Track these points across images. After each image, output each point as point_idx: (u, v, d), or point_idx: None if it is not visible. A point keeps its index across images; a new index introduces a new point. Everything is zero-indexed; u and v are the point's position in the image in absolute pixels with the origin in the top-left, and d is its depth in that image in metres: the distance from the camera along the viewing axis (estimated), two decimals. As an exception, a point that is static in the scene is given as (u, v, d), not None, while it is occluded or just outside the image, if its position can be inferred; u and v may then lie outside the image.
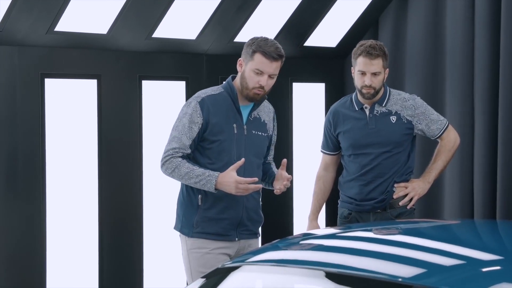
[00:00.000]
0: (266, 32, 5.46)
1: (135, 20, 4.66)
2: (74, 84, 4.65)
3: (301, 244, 2.67)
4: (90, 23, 4.54)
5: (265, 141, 3.65)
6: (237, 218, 3.57)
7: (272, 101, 5.68)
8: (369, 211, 4.09)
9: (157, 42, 4.91)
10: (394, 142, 4.07)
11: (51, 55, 4.49)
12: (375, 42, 4.11)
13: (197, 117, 3.48)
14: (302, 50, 5.84)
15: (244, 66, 3.52)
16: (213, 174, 3.43)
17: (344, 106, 4.18)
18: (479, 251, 2.48)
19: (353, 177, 4.11)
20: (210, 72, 5.22)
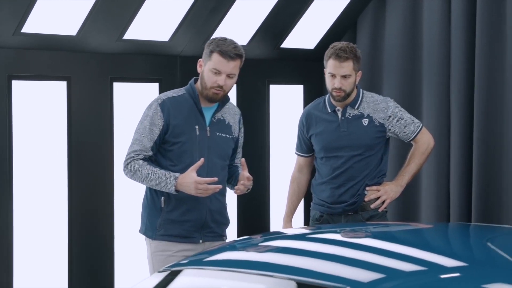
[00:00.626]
0: (241, 33, 5.44)
1: (105, 21, 4.61)
2: (43, 86, 4.60)
3: (251, 246, 2.62)
4: (58, 24, 4.47)
5: (229, 143, 3.63)
6: (200, 220, 3.54)
7: (249, 102, 5.73)
8: (340, 214, 4.06)
9: (129, 44, 4.86)
10: (366, 145, 4.04)
11: (18, 56, 4.44)
12: (347, 44, 4.07)
13: (157, 119, 3.47)
14: (279, 52, 5.80)
15: (203, 66, 3.52)
16: (173, 176, 3.42)
17: (317, 108, 4.15)
18: (434, 256, 2.41)
19: (324, 180, 4.09)
20: (184, 74, 5.17)
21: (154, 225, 3.55)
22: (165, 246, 3.54)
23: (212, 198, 3.53)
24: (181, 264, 2.39)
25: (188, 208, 3.52)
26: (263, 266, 2.27)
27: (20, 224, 4.50)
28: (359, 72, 4.08)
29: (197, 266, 2.33)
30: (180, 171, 3.45)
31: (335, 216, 4.07)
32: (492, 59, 5.05)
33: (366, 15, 5.89)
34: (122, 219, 4.87)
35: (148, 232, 3.58)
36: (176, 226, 3.52)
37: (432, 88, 5.40)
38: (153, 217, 3.55)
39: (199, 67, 3.53)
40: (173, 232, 3.53)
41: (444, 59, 5.33)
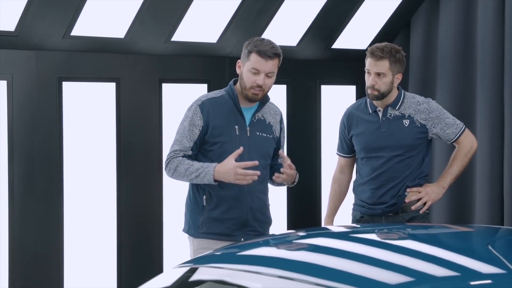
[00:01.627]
0: (290, 34, 5.44)
1: (153, 23, 4.68)
2: (92, 87, 4.71)
3: (274, 245, 2.60)
4: (107, 27, 4.57)
5: (270, 142, 3.64)
6: (241, 219, 3.57)
7: (300, 103, 5.73)
8: (380, 215, 4.03)
9: (177, 45, 4.92)
10: (406, 146, 4.00)
11: (68, 59, 4.55)
12: (386, 44, 4.04)
13: (197, 119, 3.53)
14: (330, 53, 5.78)
15: (242, 67, 3.56)
16: (211, 165, 3.46)
17: (359, 109, 4.13)
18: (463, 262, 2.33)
19: (365, 181, 4.06)
20: (233, 75, 5.19)
21: (196, 223, 3.60)
22: (207, 244, 3.57)
23: (254, 197, 3.56)
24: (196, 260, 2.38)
25: (230, 206, 3.55)
26: (277, 265, 2.25)
27: (70, 224, 4.60)
28: (398, 74, 4.02)
29: (211, 263, 2.32)
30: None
31: (375, 217, 4.03)
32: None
33: (419, 14, 5.82)
34: (170, 219, 4.93)
35: (191, 231, 3.63)
36: (217, 224, 3.56)
37: (486, 90, 5.31)
38: (195, 215, 3.60)
39: (238, 68, 3.58)
40: (215, 230, 3.57)
41: (498, 60, 5.24)
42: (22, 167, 4.46)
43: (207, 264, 2.34)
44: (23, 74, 4.41)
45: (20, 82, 4.41)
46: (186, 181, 3.55)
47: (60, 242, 4.56)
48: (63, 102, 4.55)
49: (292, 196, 5.64)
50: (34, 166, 4.49)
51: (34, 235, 4.50)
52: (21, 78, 4.41)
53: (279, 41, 5.38)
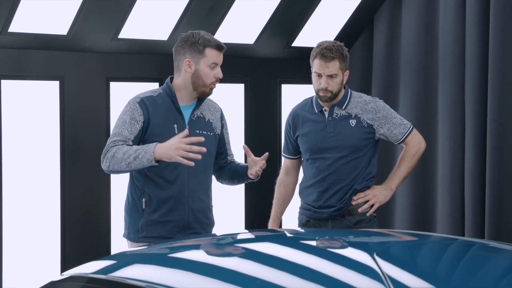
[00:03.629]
0: (247, 31, 5.31)
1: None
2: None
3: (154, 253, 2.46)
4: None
5: (211, 140, 3.51)
6: (182, 221, 3.44)
7: (259, 103, 5.61)
8: (327, 219, 3.90)
9: (125, 43, 4.82)
10: (353, 147, 3.86)
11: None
12: (333, 43, 3.91)
13: (138, 115, 3.39)
14: (290, 51, 5.65)
15: (195, 65, 3.41)
16: (152, 143, 3.28)
17: (304, 108, 3.99)
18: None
19: (311, 183, 3.93)
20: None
21: (136, 227, 3.45)
22: None
23: (195, 198, 3.44)
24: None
25: (170, 208, 3.42)
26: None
27: (10, 226, 4.49)
28: (346, 72, 3.89)
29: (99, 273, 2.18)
30: (161, 171, 3.37)
31: (321, 221, 3.91)
32: (507, 58, 4.83)
33: (383, 12, 5.70)
34: (118, 221, 4.79)
35: (131, 235, 3.49)
36: (158, 227, 3.43)
37: (447, 88, 5.21)
38: (135, 219, 3.46)
39: (188, 67, 3.40)
40: (155, 233, 3.44)
41: (460, 59, 5.14)
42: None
43: (97, 273, 2.19)
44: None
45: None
46: (124, 167, 3.27)
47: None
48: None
49: (250, 196, 5.51)
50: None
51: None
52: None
53: (235, 39, 5.37)
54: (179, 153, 3.21)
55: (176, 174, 3.41)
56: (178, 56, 3.44)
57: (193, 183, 3.39)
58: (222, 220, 5.32)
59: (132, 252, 2.52)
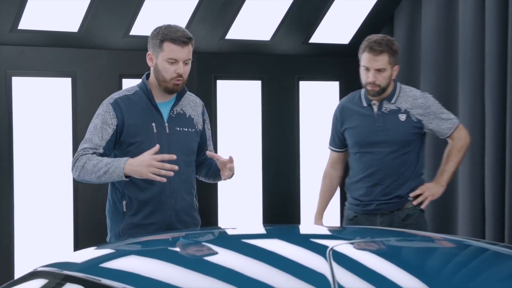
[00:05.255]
0: (262, 28, 5.25)
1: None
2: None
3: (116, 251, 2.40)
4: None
5: (193, 136, 3.38)
6: (165, 222, 3.30)
7: (277, 100, 5.54)
8: (375, 214, 3.82)
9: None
10: (402, 141, 3.79)
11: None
12: (382, 37, 3.82)
13: (110, 118, 3.25)
14: (309, 47, 5.57)
15: (155, 59, 3.28)
16: (123, 158, 3.16)
17: (352, 102, 3.91)
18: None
19: (359, 178, 3.86)
20: (198, 69, 5.09)
21: (117, 231, 3.32)
22: None
23: (177, 197, 3.29)
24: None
25: (152, 210, 3.28)
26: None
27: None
28: (396, 66, 3.81)
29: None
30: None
31: (370, 215, 3.83)
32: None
33: (403, 7, 5.61)
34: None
35: (112, 239, 3.36)
36: (140, 230, 3.27)
37: (467, 84, 5.12)
38: (116, 223, 3.32)
39: (150, 61, 3.29)
40: (137, 237, 3.23)
41: (479, 55, 5.04)
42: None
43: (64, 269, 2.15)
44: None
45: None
46: (94, 180, 3.20)
47: (10, 236, 4.41)
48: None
49: (269, 195, 5.45)
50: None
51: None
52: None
53: (251, 35, 5.33)
54: (150, 170, 3.08)
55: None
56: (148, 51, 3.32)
57: (174, 182, 3.25)
58: (239, 217, 5.32)
59: (102, 247, 2.46)
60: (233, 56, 5.24)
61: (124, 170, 3.12)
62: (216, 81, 5.22)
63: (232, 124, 5.31)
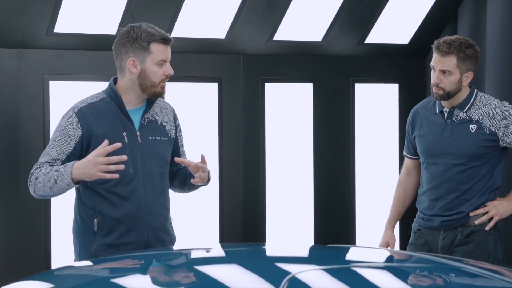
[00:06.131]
0: (312, 28, 5.05)
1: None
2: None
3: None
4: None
5: (166, 145, 3.09)
6: (142, 241, 3.01)
7: (330, 103, 5.32)
8: (438, 229, 3.58)
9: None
10: (470, 154, 3.51)
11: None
12: (456, 38, 3.54)
13: (72, 129, 2.97)
14: (364, 48, 5.32)
15: (141, 64, 2.99)
16: (70, 163, 2.88)
17: (426, 107, 3.67)
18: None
19: (424, 190, 3.64)
20: (248, 72, 4.98)
21: (89, 252, 3.01)
22: None
23: (154, 213, 3.02)
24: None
25: (127, 229, 2.99)
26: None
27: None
28: (468, 73, 3.52)
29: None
30: (114, 187, 2.96)
31: (433, 230, 3.59)
32: None
33: (466, 5, 5.30)
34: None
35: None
36: (114, 251, 2.97)
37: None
38: (86, 243, 3.02)
39: (133, 67, 2.98)
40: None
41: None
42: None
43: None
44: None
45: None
46: (48, 193, 2.92)
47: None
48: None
49: (321, 205, 5.23)
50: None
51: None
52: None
53: (299, 36, 5.12)
54: (98, 168, 2.81)
55: (131, 189, 2.99)
56: (120, 55, 3.00)
57: (150, 197, 2.99)
58: (288, 229, 5.14)
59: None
60: (282, 58, 5.06)
61: (72, 175, 2.85)
62: (264, 84, 5.05)
63: (281, 129, 5.13)
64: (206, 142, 4.86)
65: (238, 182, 4.96)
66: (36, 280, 2.32)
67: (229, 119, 4.89)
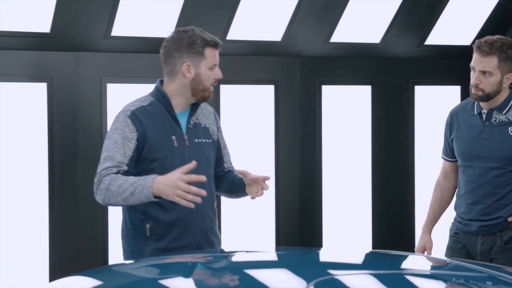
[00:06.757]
0: (370, 30, 4.98)
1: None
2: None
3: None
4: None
5: (211, 148, 3.09)
6: (194, 245, 2.99)
7: (389, 106, 5.25)
8: (476, 234, 3.51)
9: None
10: (508, 158, 3.42)
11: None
12: (498, 38, 3.44)
13: (129, 132, 2.95)
14: (425, 50, 5.23)
15: (195, 69, 2.99)
16: (150, 176, 2.86)
17: (464, 109, 3.57)
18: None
19: (461, 193, 3.56)
20: (308, 74, 5.02)
21: (140, 257, 2.98)
22: None
23: (204, 216, 3.02)
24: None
25: (180, 233, 2.98)
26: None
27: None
28: (509, 74, 3.40)
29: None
30: None
31: (471, 235, 3.51)
32: None
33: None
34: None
35: None
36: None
37: None
38: (138, 248, 3.01)
39: (187, 72, 2.98)
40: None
41: None
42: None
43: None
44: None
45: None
46: (120, 203, 2.90)
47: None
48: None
49: (379, 209, 5.16)
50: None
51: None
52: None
53: (357, 38, 5.07)
54: (176, 193, 2.79)
55: None
56: (172, 59, 2.99)
57: (200, 200, 2.90)
58: (346, 235, 5.08)
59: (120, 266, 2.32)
60: (339, 60, 5.02)
61: (152, 190, 2.84)
62: (321, 86, 5.01)
63: (338, 132, 5.09)
64: (262, 144, 4.85)
65: (295, 185, 4.93)
66: (86, 276, 2.34)
67: (286, 122, 4.87)
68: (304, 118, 4.94)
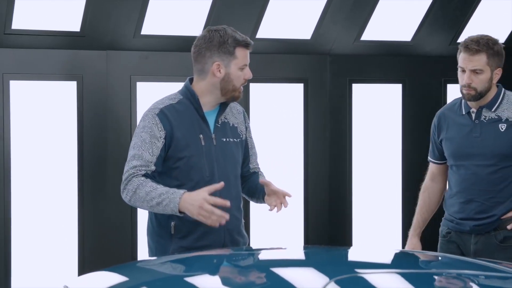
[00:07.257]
0: (401, 28, 4.95)
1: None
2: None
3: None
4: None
5: (238, 147, 3.07)
6: (219, 244, 2.99)
7: (420, 105, 5.21)
8: (470, 233, 3.48)
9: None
10: (501, 155, 3.41)
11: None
12: (482, 36, 3.47)
13: (158, 131, 2.95)
14: (457, 48, 5.17)
15: (226, 68, 2.98)
16: (179, 191, 2.88)
17: (452, 110, 3.57)
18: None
19: (453, 192, 3.54)
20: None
21: (166, 254, 2.99)
22: None
23: (230, 216, 2.95)
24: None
25: (205, 232, 2.97)
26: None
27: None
28: (498, 69, 3.43)
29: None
30: (189, 190, 2.91)
31: (464, 234, 3.48)
32: None
33: None
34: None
35: None
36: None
37: None
38: (162, 245, 3.02)
39: (218, 71, 2.97)
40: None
41: None
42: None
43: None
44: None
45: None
46: (146, 208, 2.93)
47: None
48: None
49: (409, 208, 5.10)
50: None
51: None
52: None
53: (388, 36, 5.04)
54: (200, 213, 2.82)
55: None
56: (203, 58, 2.98)
57: (226, 199, 2.92)
58: (375, 234, 5.05)
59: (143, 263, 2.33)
60: (369, 58, 5.00)
61: (179, 206, 2.85)
62: (352, 85, 4.98)
63: (368, 131, 5.06)
64: (291, 143, 4.84)
65: (324, 183, 4.91)
66: (110, 271, 2.37)
67: (315, 121, 4.86)
68: (334, 117, 4.93)
